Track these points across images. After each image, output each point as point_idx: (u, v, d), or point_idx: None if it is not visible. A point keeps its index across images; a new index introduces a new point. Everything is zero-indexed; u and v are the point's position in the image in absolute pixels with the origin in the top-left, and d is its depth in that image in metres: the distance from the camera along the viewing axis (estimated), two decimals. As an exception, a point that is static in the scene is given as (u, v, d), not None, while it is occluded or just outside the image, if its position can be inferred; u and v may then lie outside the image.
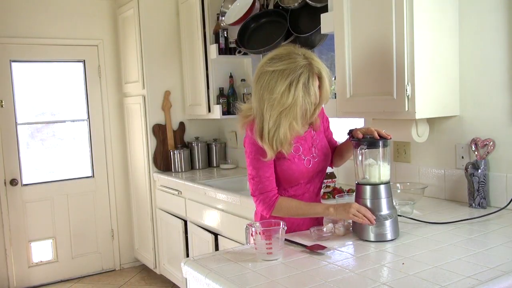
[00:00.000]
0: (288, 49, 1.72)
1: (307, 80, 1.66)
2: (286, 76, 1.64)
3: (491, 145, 2.08)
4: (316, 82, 1.69)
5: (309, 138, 1.86)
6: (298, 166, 1.81)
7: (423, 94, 2.04)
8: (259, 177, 1.76)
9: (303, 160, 1.82)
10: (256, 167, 1.76)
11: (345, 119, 2.65)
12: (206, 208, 3.23)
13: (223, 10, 3.56)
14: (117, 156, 4.52)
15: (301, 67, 1.65)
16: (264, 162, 1.74)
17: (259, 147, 1.73)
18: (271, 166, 1.77)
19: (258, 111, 1.72)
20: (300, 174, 1.82)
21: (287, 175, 1.81)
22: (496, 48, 2.05)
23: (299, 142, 1.83)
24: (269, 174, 1.77)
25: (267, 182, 1.76)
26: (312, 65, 1.68)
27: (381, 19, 2.10)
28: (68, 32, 4.21)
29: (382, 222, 1.66)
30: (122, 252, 4.59)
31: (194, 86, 3.92)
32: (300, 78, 1.64)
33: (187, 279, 1.58)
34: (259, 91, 1.70)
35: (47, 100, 4.28)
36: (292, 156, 1.80)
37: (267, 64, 1.70)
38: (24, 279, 4.14)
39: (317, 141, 1.88)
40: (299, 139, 1.83)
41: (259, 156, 1.74)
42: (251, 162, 1.77)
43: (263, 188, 1.76)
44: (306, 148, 1.84)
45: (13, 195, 4.07)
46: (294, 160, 1.80)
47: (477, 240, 1.65)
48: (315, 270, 1.43)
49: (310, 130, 1.88)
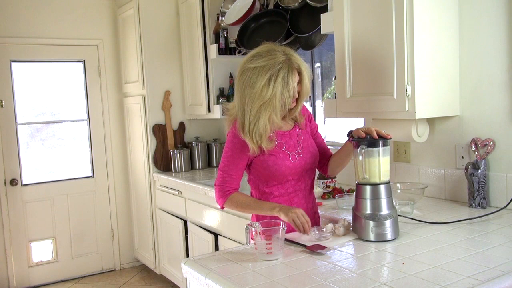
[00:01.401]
0: (268, 46, 1.80)
1: (286, 74, 1.74)
2: (266, 71, 1.73)
3: (491, 145, 2.08)
4: (296, 77, 1.77)
5: (294, 135, 1.90)
6: (284, 160, 1.83)
7: (423, 94, 2.04)
8: (226, 172, 1.85)
9: (288, 155, 1.85)
10: (227, 163, 1.85)
11: (345, 119, 2.65)
12: (206, 208, 3.23)
13: (223, 10, 3.56)
14: (117, 156, 4.52)
15: (280, 63, 1.73)
16: (235, 162, 1.83)
17: (237, 143, 1.81)
18: (241, 168, 1.85)
19: (240, 107, 1.80)
20: (287, 169, 1.84)
21: (273, 170, 1.83)
22: (496, 48, 2.05)
23: (283, 140, 1.87)
24: (234, 173, 1.85)
25: (230, 179, 1.85)
26: (291, 61, 1.76)
27: (381, 19, 2.10)
28: (68, 32, 4.21)
29: (382, 222, 1.66)
30: (122, 252, 4.59)
31: (194, 86, 3.92)
32: (279, 73, 1.73)
33: (187, 279, 1.58)
34: (241, 87, 1.79)
35: (47, 100, 4.28)
36: (276, 151, 1.83)
37: (248, 61, 1.78)
38: (24, 279, 4.14)
39: (302, 138, 1.92)
40: (283, 136, 1.87)
41: (235, 152, 1.83)
42: (225, 156, 1.86)
43: (224, 182, 1.85)
44: (291, 145, 1.87)
45: (13, 195, 4.07)
46: (279, 155, 1.83)
47: (477, 240, 1.65)
48: (315, 270, 1.43)
49: (295, 127, 1.92)
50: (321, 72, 3.43)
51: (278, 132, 1.87)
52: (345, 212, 2.17)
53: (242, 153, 1.82)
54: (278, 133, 1.87)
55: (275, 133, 1.85)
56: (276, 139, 1.85)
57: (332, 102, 2.48)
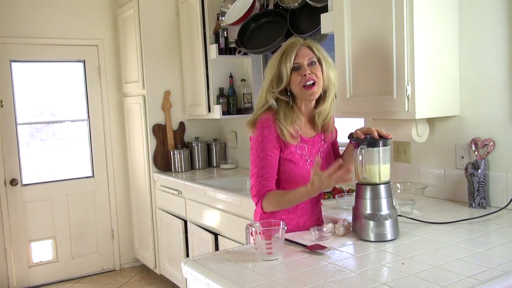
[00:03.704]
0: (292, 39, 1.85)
1: (291, 47, 1.77)
2: (278, 52, 1.79)
3: (491, 145, 2.08)
4: (303, 51, 1.77)
5: (316, 143, 1.87)
6: (301, 170, 1.81)
7: (423, 94, 2.04)
8: (260, 177, 1.77)
9: (306, 161, 1.83)
10: (259, 164, 1.77)
11: (345, 119, 2.65)
12: (206, 208, 3.23)
13: (223, 10, 3.56)
14: (117, 156, 4.52)
15: (292, 43, 1.79)
16: (266, 162, 1.75)
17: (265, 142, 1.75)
18: (274, 166, 1.78)
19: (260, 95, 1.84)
20: (302, 178, 1.80)
21: (288, 177, 1.81)
22: (496, 48, 2.05)
23: (307, 144, 1.84)
24: (270, 175, 1.77)
25: (265, 183, 1.77)
26: (305, 40, 1.81)
27: (381, 19, 2.10)
28: (68, 32, 4.21)
29: (382, 222, 1.66)
30: (122, 252, 4.59)
31: (194, 86, 3.92)
32: (285, 48, 1.78)
33: (187, 279, 1.58)
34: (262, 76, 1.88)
35: (47, 100, 4.28)
36: (297, 159, 1.80)
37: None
38: (24, 279, 4.14)
39: (324, 147, 1.90)
40: (307, 141, 1.84)
41: (265, 152, 1.75)
42: (254, 159, 1.79)
43: (260, 190, 1.77)
44: (313, 153, 1.85)
45: (13, 195, 4.07)
46: (299, 164, 1.81)
47: (477, 240, 1.65)
48: (315, 270, 1.43)
49: (320, 135, 1.89)
50: (321, 72, 3.43)
51: (303, 137, 1.83)
52: (345, 212, 2.17)
53: (273, 151, 1.76)
54: (303, 138, 1.83)
55: (300, 136, 1.81)
56: (300, 142, 1.81)
57: (332, 102, 2.48)
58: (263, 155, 1.76)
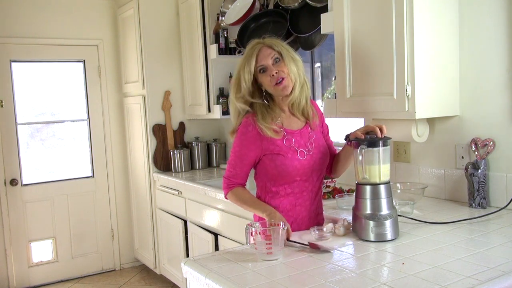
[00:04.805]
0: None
1: (251, 52, 1.82)
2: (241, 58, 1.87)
3: (491, 145, 2.08)
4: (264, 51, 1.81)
5: (305, 133, 1.90)
6: (292, 161, 1.82)
7: (423, 94, 2.04)
8: (233, 168, 1.89)
9: (296, 152, 1.84)
10: (235, 158, 1.89)
11: (345, 119, 2.66)
12: (206, 208, 3.23)
13: (223, 10, 3.56)
14: (117, 156, 4.52)
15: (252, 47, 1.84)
16: (242, 158, 1.86)
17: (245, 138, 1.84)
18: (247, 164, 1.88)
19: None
20: (294, 169, 1.82)
21: (280, 170, 1.82)
22: (496, 48, 2.05)
23: (294, 136, 1.86)
24: (240, 170, 1.88)
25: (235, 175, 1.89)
26: (264, 41, 1.85)
27: (381, 19, 2.10)
28: (68, 32, 4.21)
29: (382, 222, 1.66)
30: (122, 252, 4.59)
31: (194, 86, 3.92)
32: (246, 53, 1.84)
33: (187, 279, 1.58)
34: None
35: (47, 100, 4.28)
36: (285, 151, 1.82)
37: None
38: (24, 279, 4.14)
39: (314, 137, 1.91)
40: (293, 134, 1.86)
41: (242, 148, 1.86)
42: (233, 151, 1.90)
43: (230, 177, 1.90)
44: (301, 143, 1.87)
45: (13, 195, 4.07)
46: (288, 155, 1.82)
47: (477, 240, 1.65)
48: (315, 270, 1.43)
49: (307, 126, 1.91)
50: (321, 72, 3.43)
51: (288, 130, 1.86)
52: (345, 212, 2.17)
53: (249, 150, 1.84)
54: (288, 131, 1.86)
55: (284, 130, 1.85)
56: (286, 135, 1.85)
57: (332, 102, 2.48)
58: (239, 154, 1.87)
